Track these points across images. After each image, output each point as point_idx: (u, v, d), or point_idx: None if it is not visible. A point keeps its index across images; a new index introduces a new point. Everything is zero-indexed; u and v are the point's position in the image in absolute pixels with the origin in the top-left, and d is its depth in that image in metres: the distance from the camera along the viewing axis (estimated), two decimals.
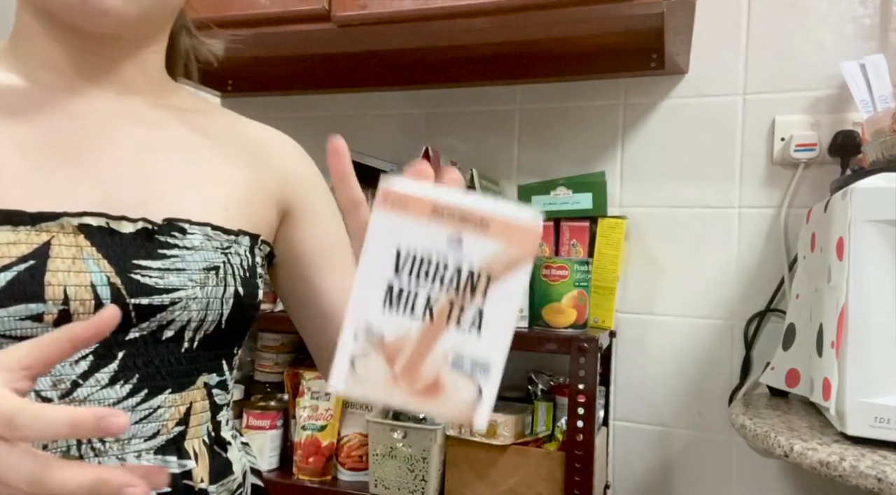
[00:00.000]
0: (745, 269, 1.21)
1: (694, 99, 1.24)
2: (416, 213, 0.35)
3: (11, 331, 0.45)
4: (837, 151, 1.12)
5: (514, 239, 0.34)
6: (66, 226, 0.48)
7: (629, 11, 0.98)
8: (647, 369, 1.27)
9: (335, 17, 1.05)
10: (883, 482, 0.67)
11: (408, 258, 0.35)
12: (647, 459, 1.27)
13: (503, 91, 1.37)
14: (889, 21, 1.14)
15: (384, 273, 0.35)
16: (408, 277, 0.35)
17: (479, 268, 0.35)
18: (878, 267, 0.77)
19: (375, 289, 0.35)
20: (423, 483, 1.10)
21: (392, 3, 1.02)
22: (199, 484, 0.54)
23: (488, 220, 0.34)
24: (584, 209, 1.16)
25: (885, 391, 0.75)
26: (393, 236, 0.35)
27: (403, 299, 0.35)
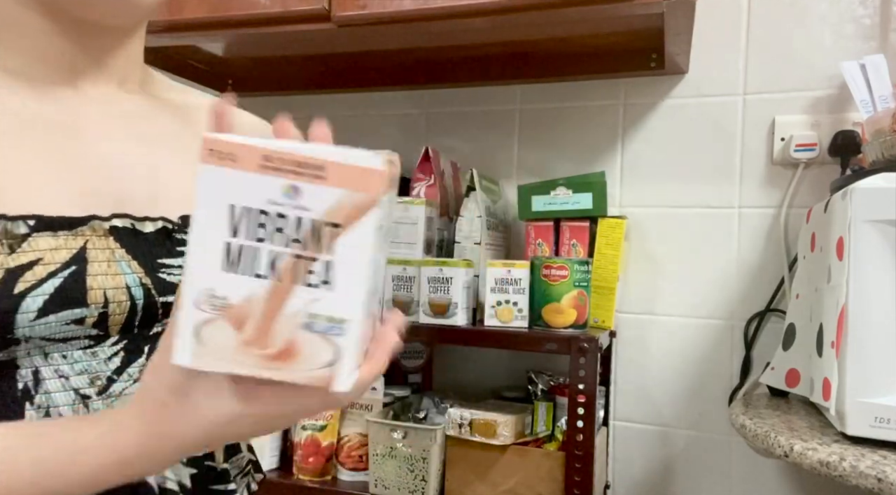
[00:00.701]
0: (745, 269, 1.21)
1: (694, 99, 1.24)
2: (246, 165, 0.32)
3: (55, 335, 0.46)
4: (837, 151, 1.12)
5: (356, 183, 0.32)
6: (98, 229, 0.49)
7: (629, 11, 0.98)
8: (647, 369, 1.27)
9: (335, 17, 1.05)
10: (883, 482, 0.67)
11: (243, 214, 0.32)
12: (647, 459, 1.27)
13: (503, 91, 1.37)
14: (889, 21, 1.14)
15: (219, 232, 0.32)
16: (245, 234, 0.32)
17: (322, 218, 0.32)
18: (878, 267, 0.77)
19: (212, 250, 0.32)
20: (423, 483, 1.10)
21: (392, 3, 1.02)
22: (220, 465, 0.56)
23: (325, 166, 0.31)
24: (584, 209, 1.16)
25: (885, 391, 0.75)
26: (223, 192, 0.32)
27: (244, 258, 0.32)
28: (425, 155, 1.21)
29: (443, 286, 1.07)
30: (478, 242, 1.17)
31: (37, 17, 0.51)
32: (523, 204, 1.20)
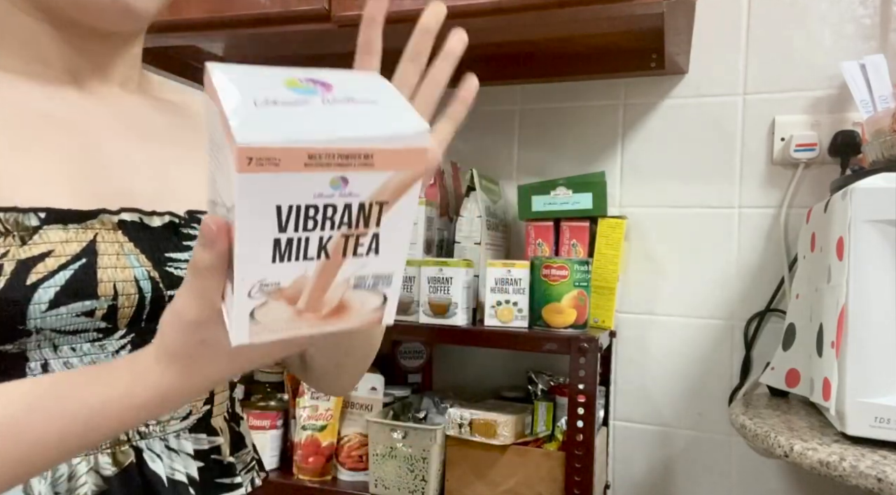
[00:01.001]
0: (745, 269, 1.21)
1: (694, 99, 1.24)
2: (290, 168, 0.29)
3: (66, 327, 0.46)
4: (837, 151, 1.12)
5: (402, 164, 0.31)
6: (107, 223, 0.49)
7: (629, 11, 0.98)
8: (647, 369, 1.27)
9: (335, 17, 1.05)
10: (883, 482, 0.67)
11: (290, 211, 0.31)
12: (647, 459, 1.27)
13: (503, 91, 1.37)
14: (889, 21, 1.14)
15: (267, 233, 0.31)
16: (294, 229, 0.31)
17: (370, 201, 0.32)
18: (878, 267, 0.77)
19: (261, 249, 0.31)
20: (423, 483, 1.10)
21: (392, 3, 1.02)
22: (227, 459, 0.58)
23: (371, 154, 0.30)
24: (584, 209, 1.16)
25: (885, 391, 0.75)
26: (268, 196, 0.30)
27: (293, 248, 0.32)
28: None
29: (443, 286, 1.07)
30: (478, 242, 1.17)
31: (41, 25, 0.52)
32: (523, 204, 1.20)
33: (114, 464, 0.50)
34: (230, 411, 0.61)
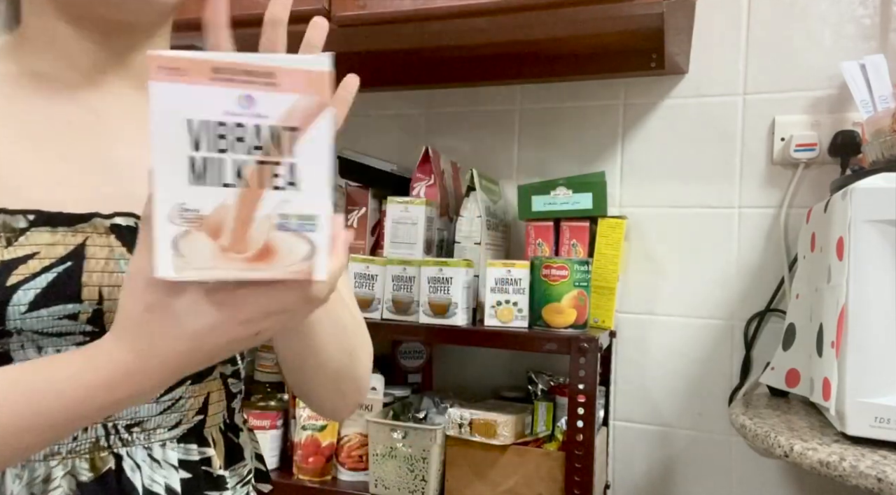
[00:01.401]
0: (745, 269, 1.21)
1: (694, 99, 1.24)
2: (197, 79, 0.32)
3: (49, 329, 0.46)
4: (837, 151, 1.12)
5: (306, 87, 0.33)
6: (99, 227, 0.49)
7: (629, 11, 0.98)
8: (647, 369, 1.27)
9: (335, 17, 1.05)
10: (883, 482, 0.67)
11: (202, 127, 0.32)
12: (647, 459, 1.27)
13: (503, 91, 1.37)
14: (889, 21, 1.14)
15: (181, 148, 0.33)
16: (207, 147, 0.33)
17: (280, 123, 0.33)
18: (878, 267, 0.77)
19: (176, 165, 0.33)
20: (423, 483, 1.10)
21: (392, 3, 1.02)
22: (217, 471, 0.56)
23: (274, 73, 0.32)
24: (584, 209, 1.16)
25: (885, 391, 0.75)
26: (178, 107, 0.32)
27: (210, 170, 0.33)
28: (425, 155, 1.21)
29: (443, 286, 1.07)
30: (478, 242, 1.17)
31: (64, 25, 0.53)
32: (523, 204, 1.20)
33: (91, 470, 0.49)
34: (227, 422, 0.60)
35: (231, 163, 0.33)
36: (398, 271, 1.12)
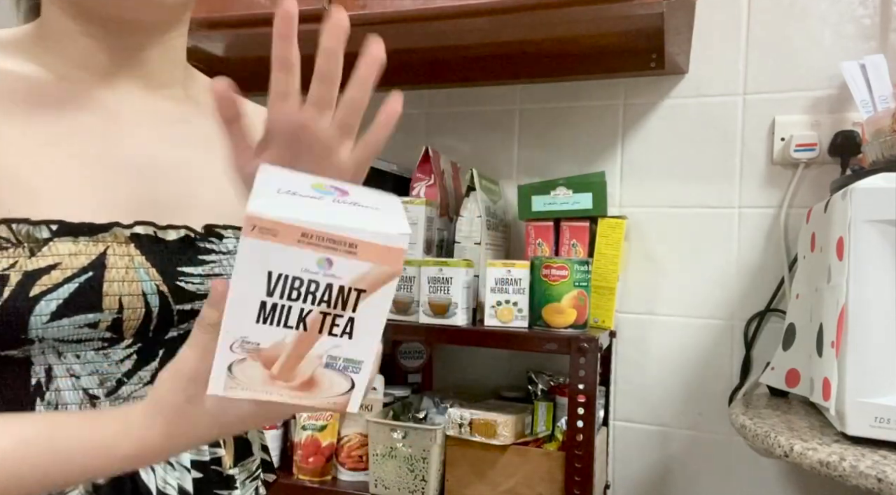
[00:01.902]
0: (745, 269, 1.21)
1: (694, 99, 1.24)
2: (285, 241, 0.35)
3: (69, 337, 0.47)
4: (837, 151, 1.12)
5: (382, 259, 0.36)
6: (119, 236, 0.50)
7: (629, 11, 0.98)
8: (647, 369, 1.27)
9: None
10: (883, 482, 0.67)
11: (279, 279, 0.36)
12: (647, 459, 1.27)
13: (503, 91, 1.37)
14: (889, 21, 1.14)
15: (257, 294, 0.36)
16: (280, 295, 0.36)
17: (350, 285, 0.36)
18: (878, 267, 0.77)
19: (249, 307, 0.36)
20: (423, 483, 1.10)
21: (392, 3, 1.02)
22: (227, 471, 0.57)
23: (356, 243, 0.35)
24: (584, 209, 1.16)
25: (885, 391, 0.75)
26: (263, 262, 0.35)
27: (277, 313, 0.37)
28: (425, 155, 1.21)
29: (443, 286, 1.07)
30: (478, 242, 1.17)
31: (74, 20, 0.53)
32: (523, 204, 1.20)
33: None
34: None
35: (298, 310, 0.37)
36: None
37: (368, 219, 0.36)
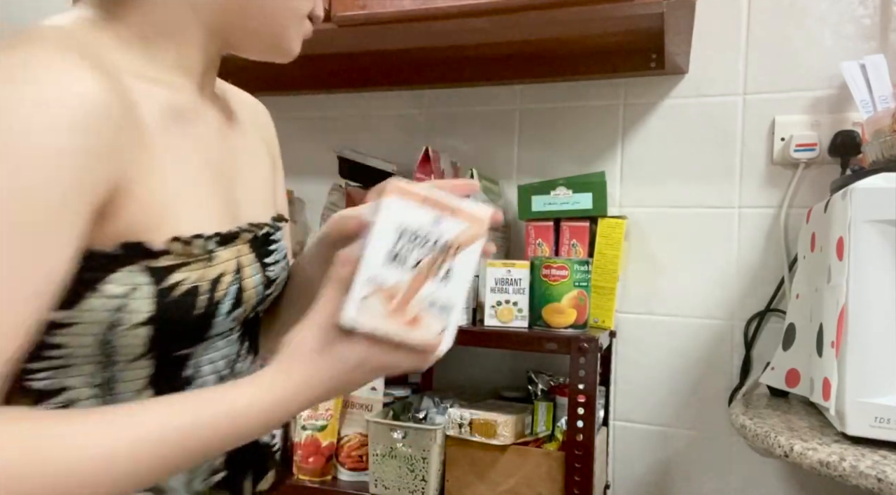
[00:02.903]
0: (745, 269, 1.21)
1: (694, 99, 1.24)
2: (413, 201, 0.49)
3: (222, 331, 0.56)
4: (837, 151, 1.12)
5: (474, 222, 0.50)
6: (243, 239, 0.57)
7: (629, 11, 0.98)
8: (647, 369, 1.27)
9: (335, 17, 1.05)
10: (883, 482, 0.67)
11: (405, 231, 0.49)
12: (647, 459, 1.27)
13: (503, 91, 1.37)
14: (889, 21, 1.14)
15: (388, 241, 0.49)
16: (404, 243, 0.49)
17: (451, 240, 0.50)
18: (878, 267, 0.77)
19: (380, 251, 0.48)
20: (423, 483, 1.10)
21: (392, 3, 1.02)
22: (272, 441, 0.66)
23: (457, 209, 0.50)
24: (584, 209, 1.16)
25: (885, 391, 0.75)
26: (396, 217, 0.49)
27: (400, 258, 0.49)
28: (425, 155, 1.21)
29: None
30: None
31: (206, 35, 0.56)
32: (523, 204, 1.20)
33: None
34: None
35: (415, 256, 0.49)
36: None
37: (464, 200, 0.51)
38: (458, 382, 1.38)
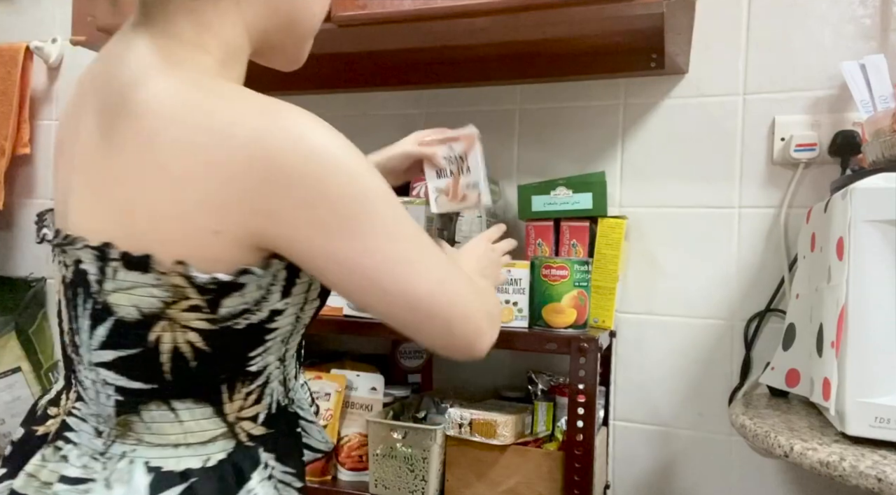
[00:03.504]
0: (745, 269, 1.21)
1: (694, 99, 1.24)
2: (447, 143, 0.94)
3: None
4: (837, 151, 1.12)
5: (468, 138, 0.93)
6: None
7: (629, 11, 0.98)
8: (647, 369, 1.27)
9: (335, 17, 1.05)
10: (883, 482, 0.67)
11: (444, 159, 0.93)
12: (647, 459, 1.27)
13: (503, 91, 1.37)
14: (889, 21, 1.14)
15: (436, 167, 0.94)
16: (444, 164, 0.93)
17: (462, 151, 0.93)
18: (878, 267, 0.77)
19: (433, 174, 0.95)
20: (423, 483, 1.10)
21: (392, 3, 1.02)
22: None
23: (457, 137, 0.93)
24: (584, 209, 1.16)
25: (885, 391, 0.75)
26: (442, 151, 0.93)
27: (442, 172, 0.94)
28: None
29: None
30: None
31: (249, 50, 0.63)
32: (523, 204, 1.20)
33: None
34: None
35: (449, 169, 0.93)
36: None
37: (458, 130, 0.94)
38: (458, 382, 1.38)
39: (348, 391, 1.19)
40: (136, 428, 0.55)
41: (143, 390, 0.55)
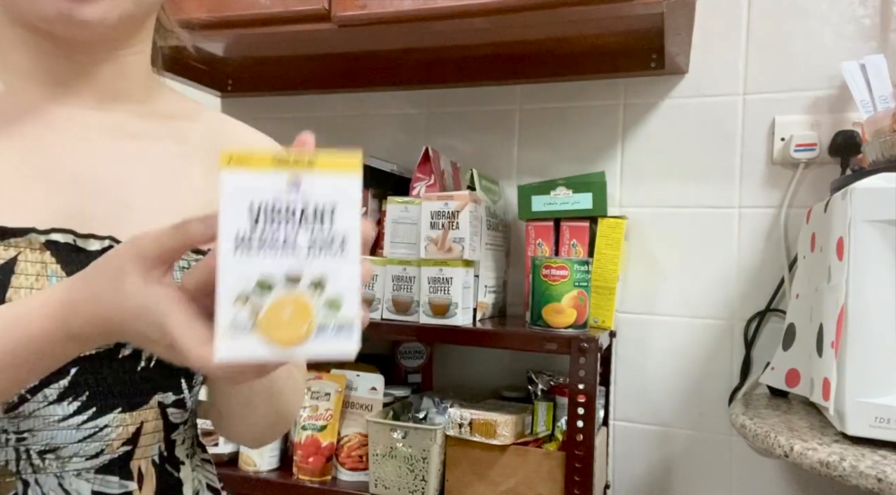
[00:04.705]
0: (745, 269, 1.21)
1: (694, 99, 1.24)
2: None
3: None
4: (837, 151, 1.12)
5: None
6: (34, 242, 0.49)
7: (629, 11, 0.98)
8: (647, 369, 1.27)
9: (335, 17, 1.05)
10: (883, 482, 0.67)
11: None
12: (647, 459, 1.27)
13: (503, 91, 1.37)
14: (889, 21, 1.14)
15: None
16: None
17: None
18: (878, 267, 0.77)
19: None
20: (423, 483, 1.10)
21: (392, 3, 1.02)
22: None
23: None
24: (584, 209, 1.16)
25: (885, 391, 0.75)
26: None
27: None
28: (425, 155, 1.21)
29: (443, 286, 1.07)
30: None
31: (24, 34, 0.52)
32: (523, 204, 1.20)
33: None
34: (164, 454, 0.57)
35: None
36: (398, 271, 1.12)
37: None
38: (458, 382, 1.38)
39: (348, 391, 1.20)
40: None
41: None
